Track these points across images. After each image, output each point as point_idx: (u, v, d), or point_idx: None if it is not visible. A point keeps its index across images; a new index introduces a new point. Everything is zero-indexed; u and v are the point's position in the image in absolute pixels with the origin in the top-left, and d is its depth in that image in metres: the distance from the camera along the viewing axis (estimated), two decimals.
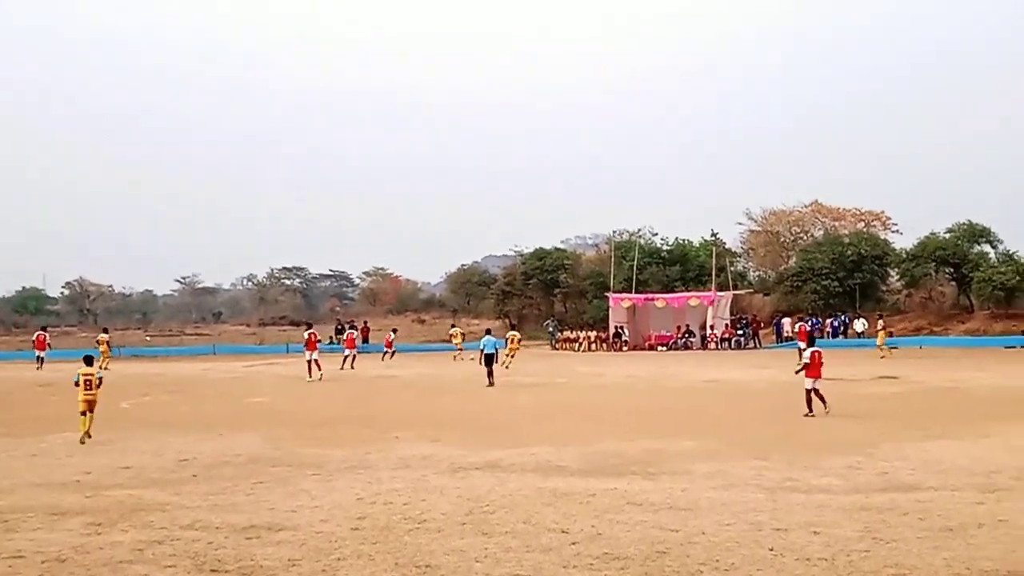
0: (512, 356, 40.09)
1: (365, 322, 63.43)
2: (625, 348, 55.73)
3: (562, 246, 78.59)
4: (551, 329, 60.82)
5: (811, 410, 20.33)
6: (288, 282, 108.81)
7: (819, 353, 21.20)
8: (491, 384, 30.85)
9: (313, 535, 9.73)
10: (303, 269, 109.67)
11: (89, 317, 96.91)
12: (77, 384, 19.40)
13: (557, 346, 58.35)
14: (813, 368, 20.69)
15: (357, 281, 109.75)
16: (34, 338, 47.90)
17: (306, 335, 37.65)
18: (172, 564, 8.66)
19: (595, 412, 22.31)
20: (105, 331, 48.65)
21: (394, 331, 52.55)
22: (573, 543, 9.28)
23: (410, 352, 54.10)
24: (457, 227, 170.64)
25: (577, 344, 57.09)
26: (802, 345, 33.33)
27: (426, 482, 12.80)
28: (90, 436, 18.12)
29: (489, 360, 32.01)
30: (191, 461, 15.04)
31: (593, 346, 56.64)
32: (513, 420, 20.84)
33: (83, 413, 18.78)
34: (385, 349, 48.72)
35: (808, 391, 20.53)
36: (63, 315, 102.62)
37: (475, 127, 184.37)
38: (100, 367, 42.07)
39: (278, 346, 59.36)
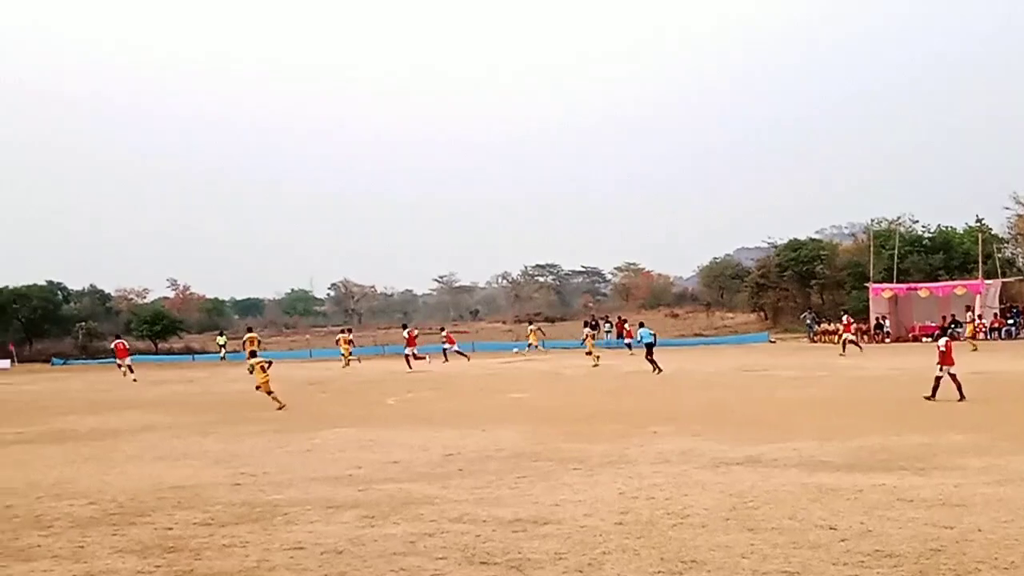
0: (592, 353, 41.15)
1: (619, 317, 63.64)
2: (887, 340, 54.00)
3: (817, 236, 76.83)
4: (808, 321, 59.54)
5: None
6: (542, 279, 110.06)
7: None
8: (658, 371, 32.84)
9: (577, 529, 9.80)
10: (556, 266, 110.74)
11: (354, 317, 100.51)
12: (251, 371, 25.14)
13: (815, 339, 57.04)
14: None
15: (609, 277, 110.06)
16: (113, 347, 47.70)
17: (406, 333, 40.58)
18: (443, 556, 8.88)
19: (858, 406, 21.67)
20: (346, 331, 50.29)
21: (441, 329, 53.12)
22: (842, 540, 9.03)
23: (666, 346, 53.96)
24: (708, 220, 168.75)
25: (836, 336, 55.71)
26: None
27: (687, 477, 12.71)
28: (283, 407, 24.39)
29: (650, 349, 34.12)
30: (456, 456, 15.40)
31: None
32: (773, 414, 20.49)
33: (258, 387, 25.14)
34: (447, 346, 49.13)
35: None
36: (329, 315, 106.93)
37: (731, 116, 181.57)
38: (343, 365, 43.77)
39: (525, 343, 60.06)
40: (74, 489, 13.22)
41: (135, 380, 40.73)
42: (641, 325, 38.95)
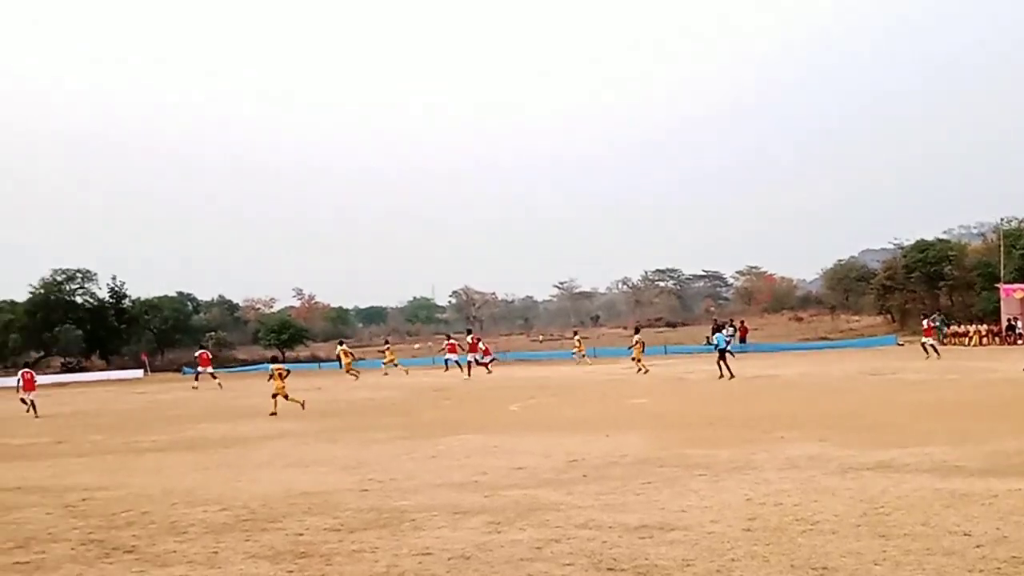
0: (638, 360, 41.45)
1: (742, 322, 63.06)
2: (1020, 341, 52.52)
3: (945, 237, 75.11)
4: (937, 324, 58.22)
5: None
6: (662, 284, 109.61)
7: None
8: (731, 376, 33.53)
9: (705, 535, 9.73)
10: (676, 270, 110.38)
11: (476, 324, 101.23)
12: (272, 377, 28.21)
13: (945, 341, 55.78)
14: None
15: (731, 280, 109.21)
16: (197, 356, 51.65)
17: (469, 339, 41.86)
18: (570, 562, 8.88)
19: (991, 409, 21.11)
20: (386, 342, 50.85)
21: (469, 329, 53.15)
22: (977, 546, 8.80)
23: (788, 351, 53.28)
24: (831, 222, 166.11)
25: (967, 339, 54.46)
26: None
27: (816, 483, 12.51)
28: (275, 415, 26.89)
29: (723, 354, 34.94)
30: (580, 462, 15.39)
31: (984, 340, 53.84)
32: (903, 418, 20.04)
33: (273, 396, 28.01)
34: (481, 358, 48.97)
35: None
36: (451, 323, 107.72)
37: (852, 114, 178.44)
38: (384, 371, 44.35)
39: (655, 347, 59.74)
40: (207, 495, 13.54)
41: (220, 385, 46.18)
42: (717, 330, 39.56)
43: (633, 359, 42.20)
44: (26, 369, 41.51)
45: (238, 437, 22.12)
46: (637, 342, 42.75)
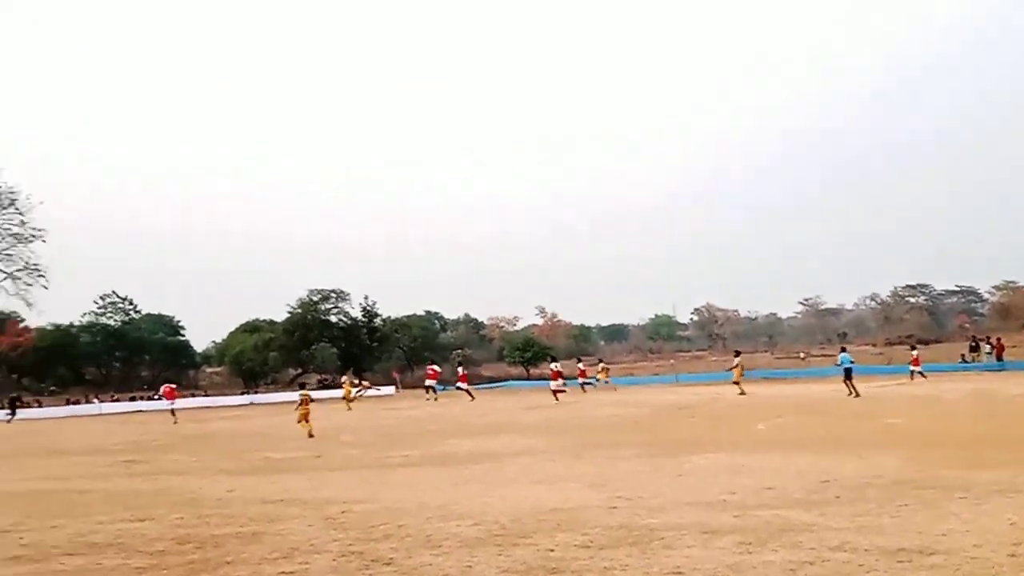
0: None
1: (999, 338, 60.38)
2: None
3: None
4: None
5: None
6: (912, 300, 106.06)
7: None
8: (856, 395, 36.00)
9: (967, 560, 9.34)
10: (927, 286, 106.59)
11: (718, 342, 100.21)
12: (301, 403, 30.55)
13: None
14: None
15: (986, 296, 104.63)
16: (162, 391, 54.72)
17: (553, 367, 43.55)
18: None
19: None
20: (737, 354, 50.24)
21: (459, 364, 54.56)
22: None
23: None
24: None
25: None
26: None
27: None
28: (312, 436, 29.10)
29: (848, 374, 38.35)
30: (832, 482, 14.99)
31: None
32: None
33: (299, 421, 30.30)
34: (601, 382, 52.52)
35: None
36: (693, 340, 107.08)
37: None
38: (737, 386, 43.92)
39: (900, 367, 57.50)
40: (459, 510, 13.84)
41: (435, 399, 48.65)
42: (843, 350, 42.09)
43: (734, 382, 44.45)
44: (167, 383, 50.70)
45: (486, 453, 22.52)
46: (737, 365, 44.98)
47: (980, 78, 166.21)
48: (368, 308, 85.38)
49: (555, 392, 47.60)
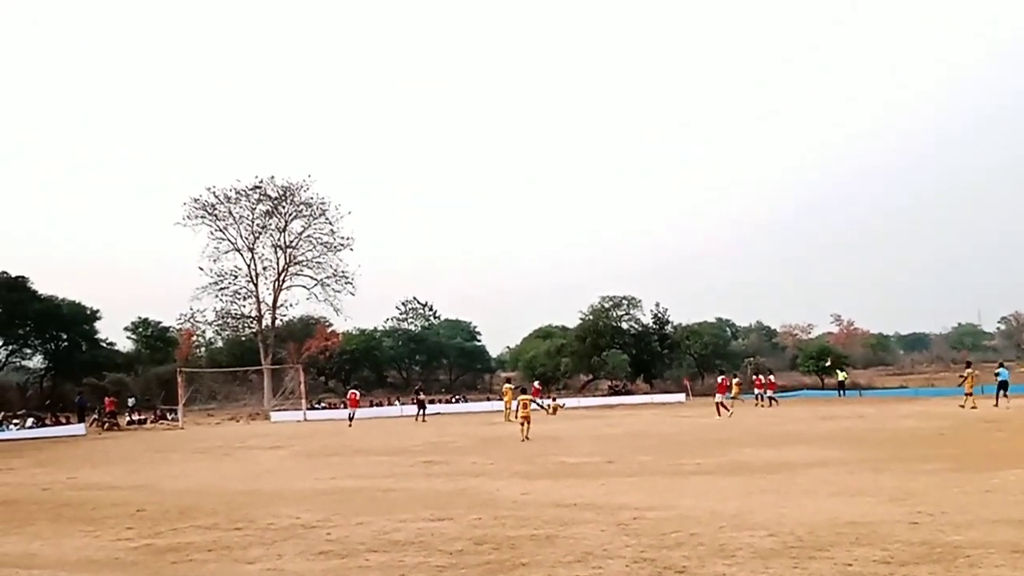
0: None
1: None
2: None
3: None
4: None
5: None
6: None
7: None
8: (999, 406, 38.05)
9: None
10: None
11: None
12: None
13: None
14: None
15: None
16: (347, 397, 55.83)
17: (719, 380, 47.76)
18: None
19: None
20: (968, 364, 47.92)
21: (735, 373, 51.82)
22: None
23: None
24: None
25: None
26: None
27: None
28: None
29: (1002, 386, 41.94)
30: None
31: None
32: None
33: (521, 424, 33.02)
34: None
35: None
36: (1000, 350, 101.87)
37: None
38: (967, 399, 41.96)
39: None
40: (753, 520, 13.70)
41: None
42: (1001, 364, 44.06)
43: (966, 394, 42.70)
44: (352, 390, 53.51)
45: (782, 463, 22.18)
46: (969, 375, 43.12)
47: None
48: (659, 315, 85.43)
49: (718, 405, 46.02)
